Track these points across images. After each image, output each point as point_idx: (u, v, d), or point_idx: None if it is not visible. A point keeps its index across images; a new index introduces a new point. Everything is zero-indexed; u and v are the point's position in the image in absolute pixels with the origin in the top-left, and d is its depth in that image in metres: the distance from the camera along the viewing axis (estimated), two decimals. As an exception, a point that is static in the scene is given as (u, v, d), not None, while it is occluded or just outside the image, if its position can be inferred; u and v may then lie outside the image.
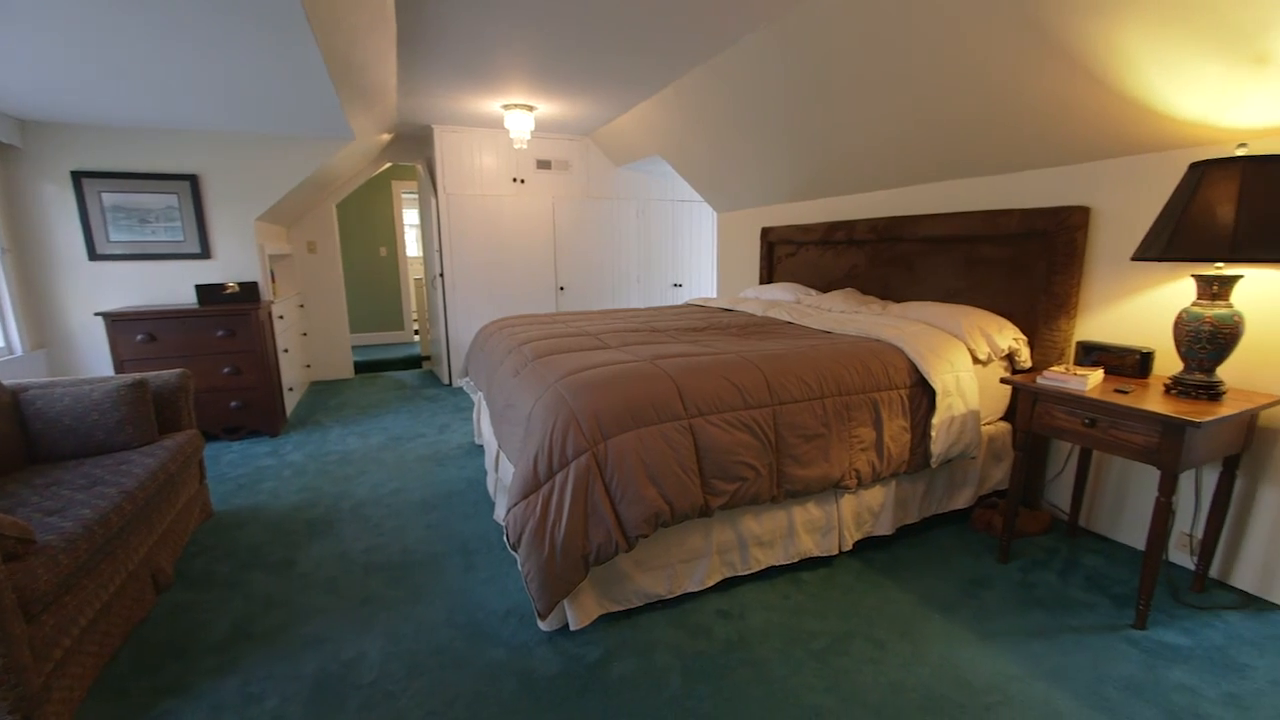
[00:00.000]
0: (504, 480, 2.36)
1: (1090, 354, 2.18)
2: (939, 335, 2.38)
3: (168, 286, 3.83)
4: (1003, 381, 2.20)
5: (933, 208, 3.00)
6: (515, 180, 5.19)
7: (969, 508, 2.51)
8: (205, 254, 3.86)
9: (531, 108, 4.24)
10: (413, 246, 8.16)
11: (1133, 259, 1.89)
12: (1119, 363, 2.10)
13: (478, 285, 5.20)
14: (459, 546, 2.35)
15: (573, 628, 1.81)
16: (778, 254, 4.26)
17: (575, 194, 5.45)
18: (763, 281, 4.39)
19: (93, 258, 3.63)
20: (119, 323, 3.33)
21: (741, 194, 4.49)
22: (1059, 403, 1.97)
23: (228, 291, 3.60)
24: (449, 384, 5.20)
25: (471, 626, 1.86)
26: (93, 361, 3.72)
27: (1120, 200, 2.21)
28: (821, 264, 3.82)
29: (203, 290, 3.57)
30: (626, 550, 1.74)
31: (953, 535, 2.40)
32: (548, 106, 4.27)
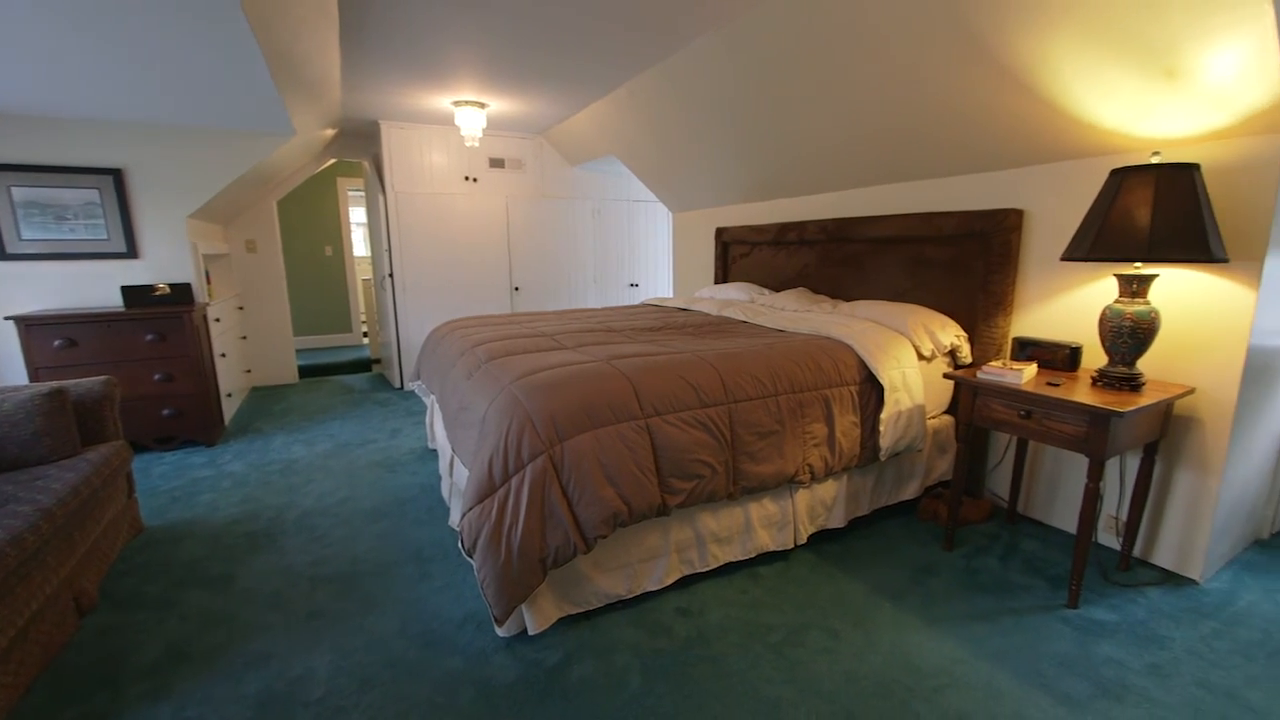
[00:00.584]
0: (458, 485, 2.31)
1: (1025, 349, 2.30)
2: (886, 333, 2.46)
3: (90, 288, 3.58)
4: (945, 377, 2.30)
5: (879, 210, 3.10)
6: (467, 179, 5.09)
7: (916, 498, 2.61)
8: (132, 253, 3.62)
9: (483, 105, 4.17)
10: (360, 246, 7.91)
11: (1062, 259, 2.00)
12: (1051, 357, 2.22)
13: (429, 286, 5.07)
14: (412, 555, 2.29)
15: (531, 632, 1.78)
16: (732, 254, 4.32)
17: (529, 193, 5.39)
18: (718, 281, 4.44)
19: (3, 257, 3.36)
20: (33, 327, 3.09)
21: (696, 194, 4.54)
22: (997, 396, 2.07)
23: (157, 293, 3.40)
24: (400, 387, 5.05)
25: (426, 636, 1.81)
26: (4, 369, 3.44)
27: (1051, 203, 2.34)
28: (774, 264, 3.89)
29: (129, 292, 3.35)
30: (585, 552, 1.73)
31: (901, 525, 2.48)
32: (500, 104, 4.20)
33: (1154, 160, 1.82)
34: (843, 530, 2.42)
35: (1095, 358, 2.18)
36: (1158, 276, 1.94)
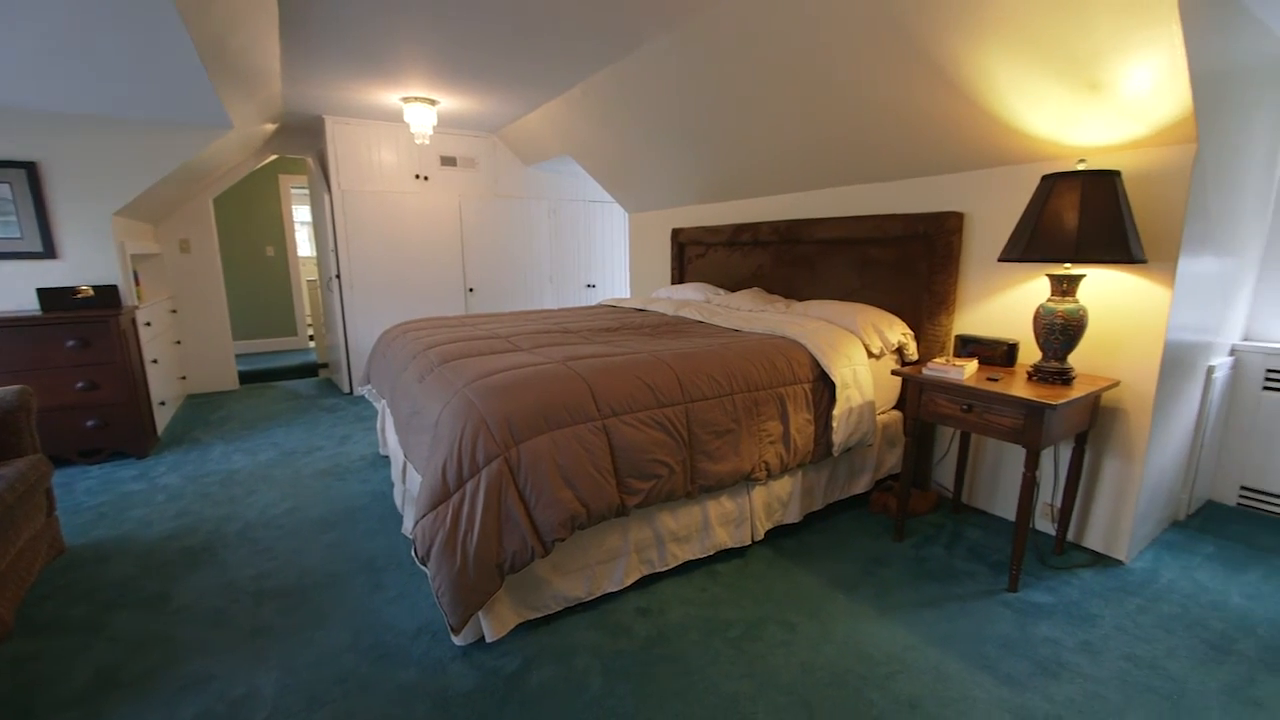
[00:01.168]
0: (411, 492, 2.25)
1: (967, 346, 2.40)
2: (837, 332, 2.53)
3: (1, 291, 3.32)
4: (893, 373, 2.38)
5: (829, 212, 3.19)
6: (418, 177, 4.96)
7: (867, 492, 2.69)
8: (49, 253, 3.37)
9: (434, 102, 4.07)
10: (305, 246, 7.61)
11: (999, 260, 2.10)
12: (990, 353, 2.32)
13: (379, 287, 4.91)
14: (363, 565, 2.21)
15: (489, 639, 1.75)
16: (688, 254, 4.36)
17: (483, 192, 5.30)
18: (674, 281, 4.47)
19: (-101, 257, 3.08)
20: (-64, 333, 2.84)
21: (652, 195, 4.56)
22: (941, 391, 2.15)
23: (80, 296, 3.17)
24: (349, 392, 4.88)
25: (379, 649, 1.75)
26: (-98, 380, 3.15)
27: (989, 207, 2.45)
28: (730, 264, 3.95)
29: (46, 295, 3.12)
30: (543, 555, 1.71)
31: (854, 519, 2.56)
32: (451, 101, 4.11)
33: (1080, 167, 1.94)
34: (798, 525, 2.47)
35: (1031, 353, 2.30)
36: (1085, 276, 2.06)
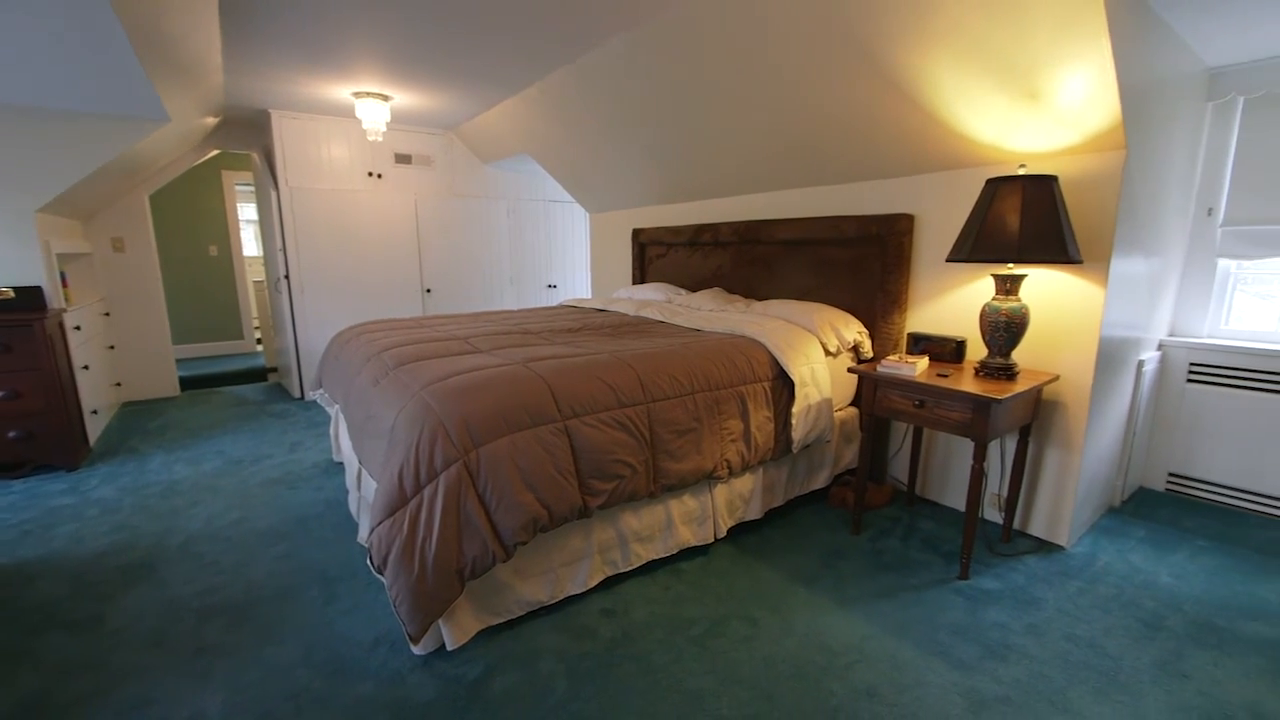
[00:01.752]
0: (367, 499, 2.18)
1: (918, 344, 2.48)
2: (796, 331, 2.57)
3: (-91, 293, 3.06)
4: (850, 371, 2.44)
5: (787, 213, 3.24)
6: (371, 174, 4.82)
7: (826, 487, 2.75)
8: (-36, 252, 3.13)
9: (387, 97, 3.96)
10: (251, 245, 7.30)
11: (947, 260, 2.17)
12: (940, 350, 2.41)
13: (330, 288, 4.75)
14: (316, 576, 2.13)
15: (450, 648, 1.71)
16: (649, 255, 4.37)
17: (440, 191, 5.19)
18: (635, 282, 4.47)
19: None
20: None
21: (612, 195, 4.55)
22: (895, 388, 2.22)
23: (-1, 298, 2.96)
24: (300, 397, 4.70)
25: (333, 663, 1.69)
26: None
27: (938, 209, 2.54)
28: (690, 264, 3.97)
29: (-38, 297, 2.90)
30: (505, 559, 1.69)
31: (813, 513, 2.61)
32: (405, 97, 4.01)
33: (1020, 172, 2.03)
34: (760, 521, 2.51)
35: (978, 350, 2.39)
36: (1027, 276, 2.16)
